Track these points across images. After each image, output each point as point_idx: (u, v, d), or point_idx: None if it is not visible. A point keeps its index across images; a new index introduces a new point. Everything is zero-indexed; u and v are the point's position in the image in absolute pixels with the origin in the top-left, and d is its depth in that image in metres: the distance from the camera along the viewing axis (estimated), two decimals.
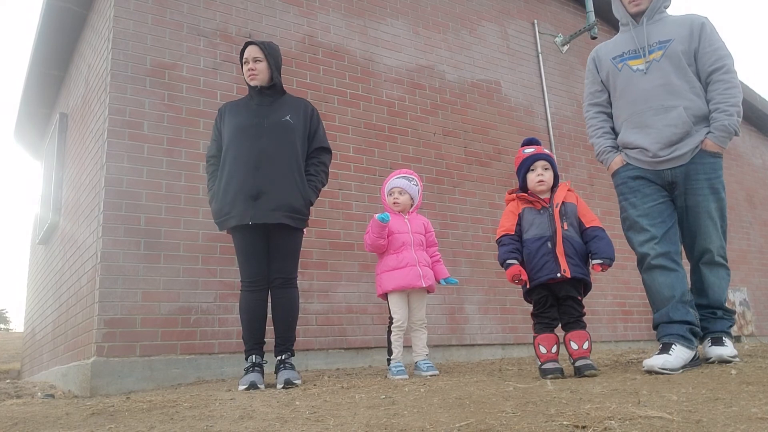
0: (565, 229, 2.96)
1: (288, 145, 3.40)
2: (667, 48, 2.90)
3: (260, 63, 3.49)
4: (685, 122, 2.81)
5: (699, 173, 2.82)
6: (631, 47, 3.01)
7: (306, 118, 3.53)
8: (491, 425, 1.69)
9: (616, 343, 6.32)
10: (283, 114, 3.46)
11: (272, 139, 3.39)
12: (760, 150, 9.68)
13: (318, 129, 3.58)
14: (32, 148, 8.59)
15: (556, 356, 2.93)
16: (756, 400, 1.75)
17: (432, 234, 3.79)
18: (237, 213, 3.28)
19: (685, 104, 2.83)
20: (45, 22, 5.70)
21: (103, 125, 4.28)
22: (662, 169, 2.87)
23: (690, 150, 2.83)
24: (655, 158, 2.87)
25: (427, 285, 3.56)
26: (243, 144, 3.38)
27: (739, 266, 8.22)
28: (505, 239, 3.07)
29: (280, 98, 3.55)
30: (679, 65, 2.87)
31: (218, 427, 1.99)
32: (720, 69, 2.81)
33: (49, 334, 5.78)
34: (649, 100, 2.89)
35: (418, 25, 5.98)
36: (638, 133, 2.92)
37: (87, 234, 4.42)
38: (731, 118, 2.76)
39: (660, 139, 2.85)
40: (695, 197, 2.83)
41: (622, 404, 1.80)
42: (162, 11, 4.56)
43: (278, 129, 3.42)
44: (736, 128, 2.78)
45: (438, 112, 5.83)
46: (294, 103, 3.57)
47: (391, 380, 3.21)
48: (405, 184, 3.71)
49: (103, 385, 3.72)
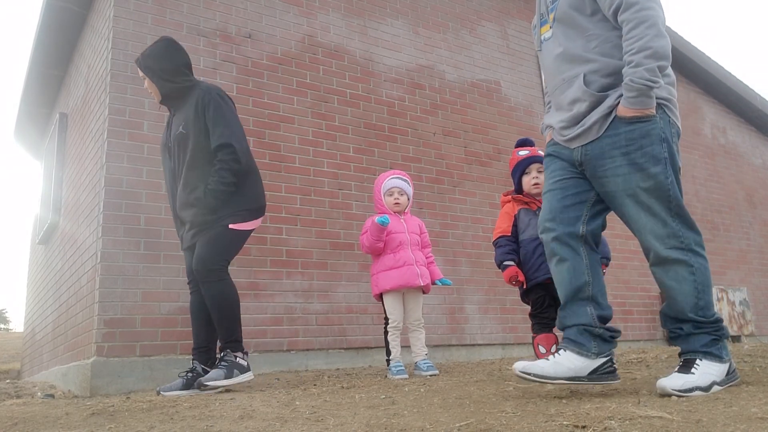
0: None
1: (188, 159, 3.22)
2: (557, 2, 2.29)
3: (146, 80, 3.33)
4: (585, 92, 2.15)
5: (614, 148, 2.11)
6: (541, 10, 2.42)
7: (199, 113, 3.22)
8: (491, 425, 1.69)
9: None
10: (179, 123, 3.26)
11: (177, 157, 3.28)
12: (760, 150, 9.68)
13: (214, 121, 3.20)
14: (32, 148, 8.59)
15: None
16: (756, 400, 1.75)
17: (426, 235, 3.80)
18: (180, 239, 3.42)
19: (589, 68, 2.17)
20: (45, 22, 5.70)
21: (103, 125, 4.27)
22: (573, 148, 2.24)
23: (597, 121, 2.15)
24: (562, 137, 2.29)
25: (424, 284, 3.56)
26: (165, 169, 3.40)
27: (739, 266, 8.22)
28: (501, 241, 3.09)
29: (184, 101, 3.31)
30: (572, 21, 2.23)
31: (218, 427, 1.99)
32: (620, 6, 2.10)
33: (49, 334, 5.78)
34: (554, 75, 2.31)
35: (418, 25, 5.98)
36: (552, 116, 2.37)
37: (87, 234, 4.42)
38: (637, 70, 2.02)
39: (565, 118, 2.25)
40: (613, 179, 2.13)
41: (622, 404, 1.80)
42: (162, 11, 4.56)
43: (178, 145, 3.26)
44: (647, 80, 2.02)
45: (438, 112, 5.83)
46: (191, 103, 3.26)
47: (391, 380, 3.21)
48: (403, 185, 3.72)
49: (103, 385, 3.72)
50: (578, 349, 2.05)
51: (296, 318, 4.53)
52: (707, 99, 8.97)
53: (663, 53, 2.05)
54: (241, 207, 3.24)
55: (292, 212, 4.73)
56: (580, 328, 2.10)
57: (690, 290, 2.08)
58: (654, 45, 2.03)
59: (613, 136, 2.12)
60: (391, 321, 3.53)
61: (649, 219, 2.09)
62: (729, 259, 8.12)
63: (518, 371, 2.00)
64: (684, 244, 2.08)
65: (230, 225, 3.20)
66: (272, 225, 4.59)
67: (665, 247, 2.08)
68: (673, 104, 2.18)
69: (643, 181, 2.08)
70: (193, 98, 3.25)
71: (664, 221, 2.07)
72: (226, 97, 3.33)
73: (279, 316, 4.46)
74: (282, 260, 4.58)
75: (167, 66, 3.28)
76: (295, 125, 4.92)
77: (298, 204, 4.77)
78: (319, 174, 4.94)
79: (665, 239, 2.08)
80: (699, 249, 2.11)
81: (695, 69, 8.51)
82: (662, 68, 2.05)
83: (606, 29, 2.18)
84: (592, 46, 2.19)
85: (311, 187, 4.88)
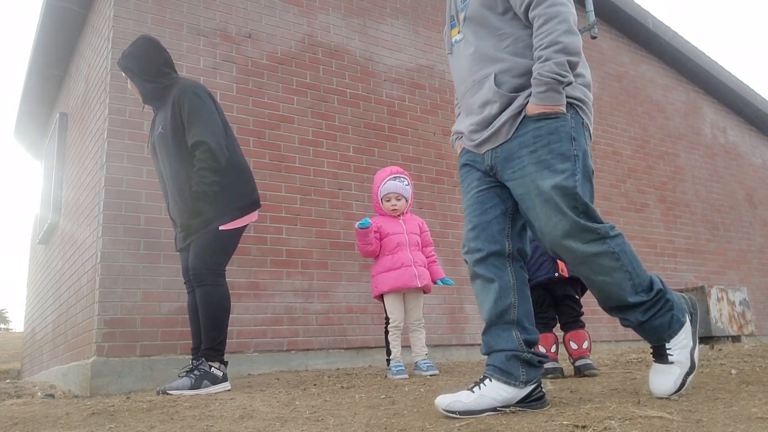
0: None
1: (170, 159, 3.20)
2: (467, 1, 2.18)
3: (128, 81, 3.32)
4: (496, 92, 2.03)
5: (521, 148, 1.99)
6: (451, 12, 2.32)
7: (176, 113, 3.18)
8: (491, 425, 1.69)
9: (616, 342, 6.32)
10: (160, 123, 3.25)
11: (161, 158, 3.27)
12: (760, 150, 9.68)
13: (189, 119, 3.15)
14: (32, 148, 8.59)
15: (555, 356, 2.94)
16: (756, 400, 1.75)
17: (427, 234, 3.78)
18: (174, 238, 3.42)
19: (500, 68, 2.06)
20: (45, 22, 5.69)
21: (103, 125, 4.27)
22: (483, 153, 2.11)
23: (506, 122, 2.02)
24: (471, 142, 2.15)
25: (422, 285, 3.55)
26: (155, 167, 3.41)
27: (739, 266, 8.22)
28: None
29: (164, 100, 3.27)
30: (484, 20, 2.12)
31: (218, 427, 1.99)
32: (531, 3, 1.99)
33: (49, 334, 5.78)
34: (465, 78, 2.18)
35: (418, 24, 5.98)
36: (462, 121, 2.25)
37: (87, 234, 4.42)
38: (546, 64, 1.92)
39: (475, 121, 2.12)
40: (521, 180, 2.00)
41: (622, 404, 1.80)
42: (162, 11, 4.56)
43: (160, 146, 3.25)
44: (556, 74, 1.91)
45: (438, 112, 5.83)
46: (169, 102, 3.22)
47: (391, 380, 3.21)
48: (400, 187, 3.68)
49: (103, 385, 3.72)
50: (506, 378, 1.91)
51: (296, 318, 4.53)
52: (707, 99, 8.97)
53: (573, 49, 1.93)
54: (229, 206, 3.20)
55: (292, 212, 4.73)
56: (508, 354, 1.96)
57: (622, 277, 1.92)
58: (564, 40, 1.92)
59: (522, 136, 1.99)
60: (392, 321, 3.53)
61: (560, 219, 1.92)
62: (729, 259, 8.12)
63: (442, 409, 1.87)
64: (600, 234, 1.93)
65: (220, 227, 3.17)
66: (272, 225, 4.59)
67: (583, 243, 1.92)
68: (587, 106, 2.07)
69: (550, 178, 1.93)
70: (170, 99, 3.21)
71: (575, 220, 1.91)
72: (204, 94, 3.25)
73: (279, 316, 4.46)
74: (282, 260, 4.58)
75: (147, 65, 3.24)
76: (295, 125, 4.92)
77: (298, 204, 4.77)
78: (319, 174, 4.94)
79: (581, 235, 1.92)
80: (613, 231, 1.96)
81: (695, 69, 8.51)
82: (572, 64, 1.94)
83: (518, 28, 2.07)
84: (503, 46, 2.07)
85: (311, 187, 4.88)
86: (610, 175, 7.09)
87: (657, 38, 8.00)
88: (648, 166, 7.58)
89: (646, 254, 7.05)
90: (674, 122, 8.23)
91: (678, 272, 7.35)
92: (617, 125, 7.43)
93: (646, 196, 7.39)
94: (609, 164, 7.13)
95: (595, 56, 7.55)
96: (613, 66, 7.73)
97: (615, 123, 7.42)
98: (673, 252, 7.40)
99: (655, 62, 8.27)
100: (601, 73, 7.53)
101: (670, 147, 8.00)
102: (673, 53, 8.22)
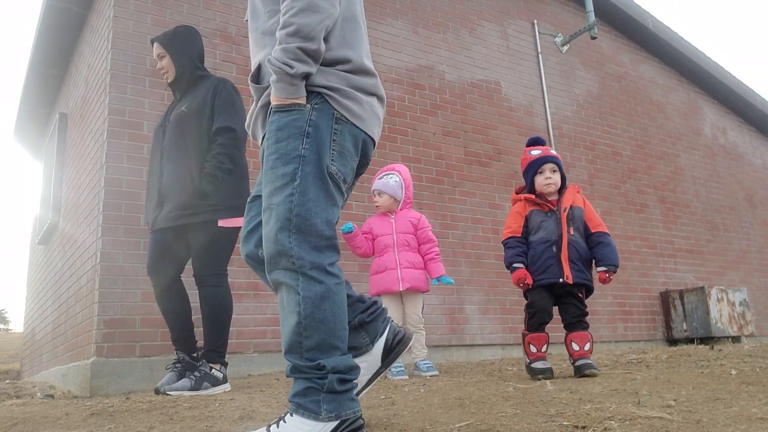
0: (571, 234, 2.98)
1: (183, 138, 3.22)
2: None
3: (164, 59, 3.36)
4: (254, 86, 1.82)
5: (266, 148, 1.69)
6: None
7: (207, 99, 3.24)
8: (491, 425, 1.69)
9: (616, 343, 6.32)
10: (183, 104, 3.29)
11: (170, 137, 3.28)
12: (760, 150, 9.68)
13: (222, 107, 3.22)
14: (32, 148, 8.59)
15: (544, 355, 2.95)
16: (756, 400, 1.75)
17: (425, 230, 3.65)
18: (150, 220, 3.30)
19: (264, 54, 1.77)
20: (45, 22, 5.69)
21: (102, 125, 4.27)
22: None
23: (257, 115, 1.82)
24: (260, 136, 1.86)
25: (405, 288, 3.47)
26: (154, 149, 3.39)
27: (739, 266, 8.22)
28: (511, 242, 3.09)
29: (193, 88, 3.35)
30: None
31: (218, 427, 1.99)
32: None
33: (49, 334, 5.78)
34: None
35: (418, 25, 5.98)
36: None
37: (87, 234, 4.41)
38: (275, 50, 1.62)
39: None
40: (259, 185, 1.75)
41: (622, 404, 1.80)
42: (162, 11, 4.56)
43: (175, 124, 3.27)
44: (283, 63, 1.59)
45: (438, 112, 5.83)
46: (203, 87, 3.31)
47: (391, 380, 3.21)
48: (382, 184, 3.64)
49: (103, 385, 3.71)
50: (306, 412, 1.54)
51: None
52: (707, 99, 8.97)
53: (307, 32, 1.58)
54: (231, 201, 3.19)
55: None
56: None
57: (293, 324, 1.58)
58: (297, 21, 1.58)
59: (268, 133, 1.68)
60: None
61: (265, 231, 1.62)
62: (729, 259, 8.12)
63: None
64: (296, 265, 1.56)
65: (219, 222, 3.16)
66: None
67: (272, 268, 1.60)
68: (342, 94, 1.68)
69: (270, 182, 1.62)
70: (206, 86, 3.31)
71: (274, 236, 1.58)
72: (238, 93, 3.40)
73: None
74: None
75: (191, 50, 3.38)
76: None
77: None
78: None
79: (275, 258, 1.58)
80: (317, 274, 1.58)
81: (695, 69, 8.51)
82: (308, 51, 1.60)
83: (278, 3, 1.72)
84: (269, 25, 1.75)
85: None
86: (610, 175, 7.09)
87: (657, 38, 8.00)
88: (648, 167, 7.58)
89: (646, 254, 7.05)
90: (674, 122, 8.23)
91: (678, 272, 7.35)
92: (617, 125, 7.43)
93: (646, 197, 7.38)
94: (609, 164, 7.13)
95: (595, 56, 7.55)
96: (613, 66, 7.73)
97: (615, 123, 7.42)
98: (673, 252, 7.40)
99: (655, 62, 8.27)
100: (601, 73, 7.53)
101: (670, 147, 8.00)
102: (673, 53, 8.22)
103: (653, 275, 7.04)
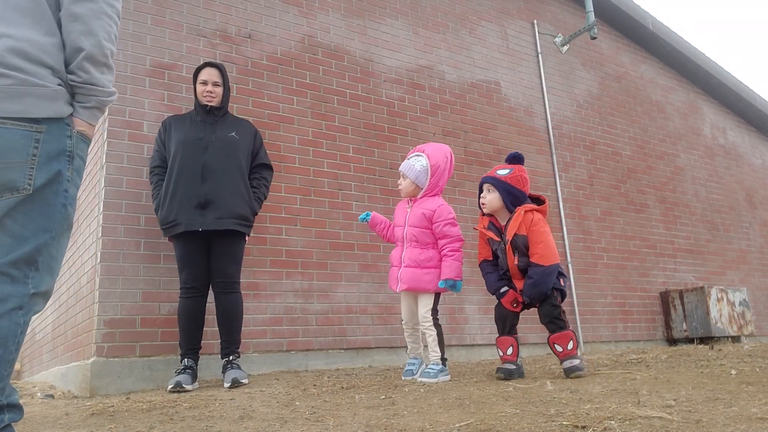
0: (517, 263, 3.19)
1: (233, 158, 3.67)
2: None
3: (219, 87, 3.80)
4: None
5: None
6: None
7: (250, 137, 3.84)
8: (491, 425, 1.69)
9: (616, 343, 6.32)
10: (229, 131, 3.75)
11: (217, 152, 3.65)
12: (760, 150, 9.68)
13: (261, 148, 3.90)
14: None
15: (513, 357, 3.18)
16: (756, 400, 1.75)
17: (440, 224, 3.34)
18: (184, 220, 3.53)
19: None
20: None
21: (102, 125, 4.27)
22: None
23: None
24: None
25: (400, 290, 3.34)
26: (189, 157, 3.66)
27: (739, 266, 8.22)
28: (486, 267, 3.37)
29: (224, 118, 3.83)
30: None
31: (218, 427, 1.99)
32: None
33: (49, 334, 5.77)
34: None
35: (418, 25, 5.98)
36: None
37: (87, 234, 4.41)
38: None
39: None
40: None
41: (622, 404, 1.80)
42: (162, 11, 4.56)
43: (223, 144, 3.69)
44: None
45: (438, 112, 5.83)
46: (238, 123, 3.89)
47: (390, 380, 3.21)
48: (406, 167, 3.39)
49: (103, 385, 3.71)
50: None
51: (296, 318, 4.53)
52: (707, 99, 8.97)
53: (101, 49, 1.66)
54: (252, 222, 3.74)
55: (292, 212, 4.73)
56: None
57: None
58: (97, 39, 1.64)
59: None
60: (402, 318, 3.56)
61: None
62: (729, 260, 8.12)
63: None
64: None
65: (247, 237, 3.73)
66: (272, 225, 4.59)
67: None
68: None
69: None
70: (245, 125, 3.90)
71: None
72: None
73: (279, 317, 4.46)
74: (282, 260, 4.58)
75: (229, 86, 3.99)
76: (294, 125, 4.92)
77: (298, 204, 4.77)
78: (319, 174, 4.94)
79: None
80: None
81: (695, 69, 8.51)
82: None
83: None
84: None
85: (311, 187, 4.88)
86: (610, 175, 7.09)
87: (657, 38, 8.00)
88: (648, 167, 7.58)
89: (645, 254, 7.05)
90: (674, 123, 8.24)
91: (678, 273, 7.35)
92: (617, 125, 7.43)
93: (646, 197, 7.39)
94: (609, 164, 7.13)
95: (595, 56, 7.56)
96: (613, 66, 7.73)
97: (615, 123, 7.42)
98: (672, 252, 7.40)
99: (654, 63, 8.27)
100: (600, 73, 7.54)
101: (669, 147, 8.00)
102: (672, 54, 8.22)
103: (653, 275, 7.04)
